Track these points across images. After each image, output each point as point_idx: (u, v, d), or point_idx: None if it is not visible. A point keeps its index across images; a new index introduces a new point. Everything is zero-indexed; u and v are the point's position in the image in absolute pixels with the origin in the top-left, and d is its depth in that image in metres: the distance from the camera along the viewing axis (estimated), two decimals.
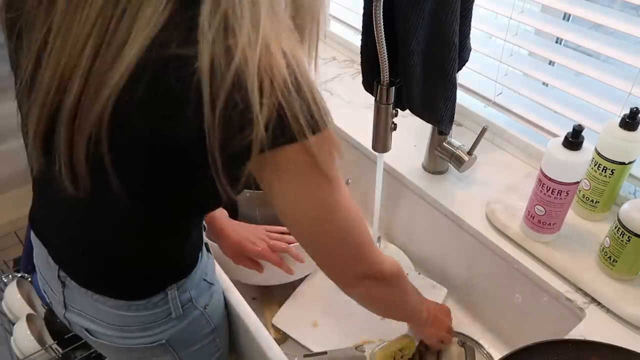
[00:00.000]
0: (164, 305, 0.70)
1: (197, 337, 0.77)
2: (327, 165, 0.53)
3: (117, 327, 0.71)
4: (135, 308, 0.69)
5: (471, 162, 0.95)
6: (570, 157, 0.75)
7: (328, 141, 0.52)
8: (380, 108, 0.81)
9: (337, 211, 0.58)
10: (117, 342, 0.72)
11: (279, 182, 0.54)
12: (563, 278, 0.82)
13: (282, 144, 0.49)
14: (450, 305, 1.05)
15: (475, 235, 0.92)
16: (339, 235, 0.61)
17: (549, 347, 0.66)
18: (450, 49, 0.78)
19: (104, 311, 0.70)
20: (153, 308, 0.69)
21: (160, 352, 0.74)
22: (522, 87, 1.01)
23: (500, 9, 0.97)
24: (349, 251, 0.63)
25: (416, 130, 1.10)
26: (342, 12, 1.38)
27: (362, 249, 0.63)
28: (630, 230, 0.73)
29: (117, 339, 0.72)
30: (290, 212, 0.57)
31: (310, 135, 0.49)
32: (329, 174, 0.54)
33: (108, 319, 0.70)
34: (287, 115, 0.47)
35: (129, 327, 0.71)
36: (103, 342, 0.74)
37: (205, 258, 0.77)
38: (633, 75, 0.83)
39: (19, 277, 1.40)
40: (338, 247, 0.62)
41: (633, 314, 0.76)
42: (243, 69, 0.45)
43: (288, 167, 0.52)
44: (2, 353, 1.35)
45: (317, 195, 0.56)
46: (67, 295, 0.72)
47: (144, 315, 0.70)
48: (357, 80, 1.32)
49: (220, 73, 0.45)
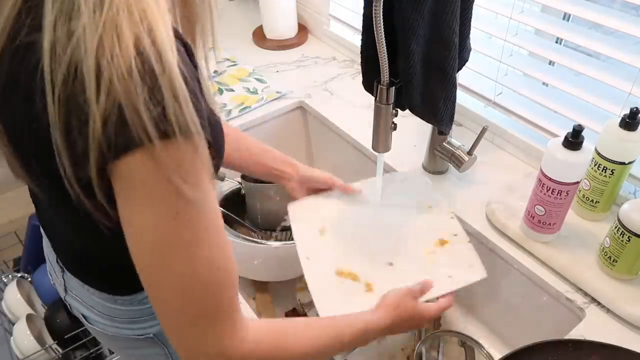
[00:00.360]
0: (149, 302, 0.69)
1: None
2: (182, 184, 0.43)
3: (107, 316, 0.71)
4: (121, 302, 0.69)
5: (471, 162, 0.95)
6: (570, 157, 0.75)
7: (189, 153, 0.43)
8: (380, 108, 0.81)
9: (188, 248, 0.46)
10: (109, 330, 0.73)
11: (119, 199, 0.44)
12: (563, 278, 0.82)
13: (123, 150, 0.41)
14: None
15: (475, 235, 0.92)
16: (186, 284, 0.47)
17: (549, 347, 0.66)
18: (450, 49, 0.78)
19: (95, 300, 0.70)
20: (139, 304, 0.69)
21: (150, 344, 0.74)
22: (522, 87, 1.01)
23: (500, 9, 0.97)
24: (199, 313, 0.48)
25: (416, 130, 1.10)
26: (342, 12, 1.38)
27: (219, 315, 0.49)
28: (630, 230, 0.73)
29: (109, 328, 0.72)
30: (131, 240, 0.46)
31: (157, 140, 0.40)
32: (186, 195, 0.43)
33: (99, 307, 0.71)
34: (128, 114, 0.40)
35: (118, 318, 0.71)
36: (96, 329, 0.74)
37: None
38: (633, 75, 0.83)
39: (19, 277, 1.40)
40: (183, 303, 0.48)
41: (633, 314, 0.76)
42: (80, 56, 0.40)
43: (130, 181, 0.43)
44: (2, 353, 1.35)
45: (162, 222, 0.44)
46: (66, 280, 0.73)
47: (130, 310, 0.69)
48: (357, 80, 1.32)
49: (59, 61, 0.40)
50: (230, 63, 1.38)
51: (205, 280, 0.47)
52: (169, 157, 0.42)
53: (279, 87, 1.28)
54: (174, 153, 0.42)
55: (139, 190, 0.43)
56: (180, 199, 0.44)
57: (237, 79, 1.31)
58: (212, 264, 0.47)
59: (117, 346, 0.79)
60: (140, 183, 0.43)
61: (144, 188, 0.43)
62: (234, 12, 1.68)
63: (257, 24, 1.53)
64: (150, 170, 0.42)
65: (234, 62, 1.38)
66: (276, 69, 1.38)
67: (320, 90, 1.29)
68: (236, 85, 1.29)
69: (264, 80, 1.30)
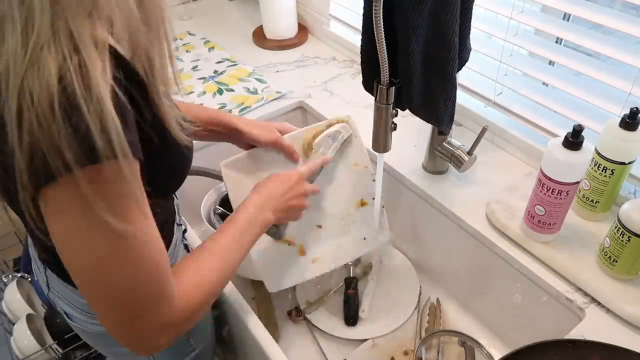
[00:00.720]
0: None
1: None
2: (106, 214, 0.44)
3: (87, 313, 0.71)
4: None
5: (471, 162, 0.95)
6: (570, 157, 0.75)
7: (113, 179, 0.44)
8: (380, 108, 0.81)
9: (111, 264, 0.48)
10: (89, 327, 0.73)
11: (49, 225, 0.46)
12: (563, 278, 0.82)
13: (46, 181, 0.42)
14: (451, 305, 1.06)
15: (475, 235, 0.93)
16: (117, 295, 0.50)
17: (549, 347, 0.66)
18: (450, 49, 0.78)
19: (76, 298, 0.71)
20: None
21: None
22: (522, 87, 1.01)
23: (500, 9, 0.97)
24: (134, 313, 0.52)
25: (416, 130, 1.10)
26: (342, 12, 1.38)
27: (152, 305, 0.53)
28: (630, 230, 0.73)
29: (90, 325, 0.73)
30: (64, 259, 0.49)
31: (77, 168, 0.41)
32: (112, 226, 0.45)
33: (80, 305, 0.71)
34: (48, 148, 0.40)
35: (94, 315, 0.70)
36: (78, 327, 0.75)
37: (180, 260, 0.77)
38: (633, 75, 0.83)
39: (19, 277, 1.40)
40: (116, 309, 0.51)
41: (633, 314, 0.76)
42: (2, 91, 0.40)
43: (57, 208, 0.44)
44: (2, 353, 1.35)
45: (90, 248, 0.47)
46: (48, 277, 0.73)
47: None
48: (357, 80, 1.32)
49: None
50: (230, 63, 1.38)
51: (132, 287, 0.50)
52: (92, 184, 0.43)
53: (279, 87, 1.28)
54: (95, 179, 0.43)
55: (66, 218, 0.45)
56: (106, 230, 0.46)
57: (237, 79, 1.31)
58: (138, 278, 0.50)
59: (100, 344, 0.79)
60: (66, 210, 0.44)
61: (70, 215, 0.45)
62: (234, 12, 1.68)
63: (257, 24, 1.53)
64: (75, 198, 0.43)
65: (234, 62, 1.38)
66: (276, 69, 1.38)
67: (320, 90, 1.29)
68: (236, 85, 1.29)
69: (264, 80, 1.30)
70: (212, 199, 1.09)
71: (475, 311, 1.03)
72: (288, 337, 1.02)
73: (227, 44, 1.48)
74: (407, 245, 1.15)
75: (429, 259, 1.10)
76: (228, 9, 1.70)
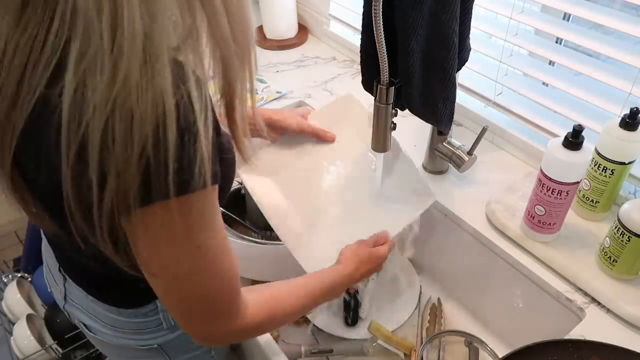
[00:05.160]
0: (154, 315, 0.70)
1: (191, 346, 0.76)
2: (197, 231, 0.49)
3: (111, 327, 0.71)
4: (126, 315, 0.69)
5: (471, 162, 0.95)
6: (570, 157, 0.75)
7: (199, 203, 0.48)
8: (380, 108, 0.81)
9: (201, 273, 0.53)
10: (112, 340, 0.73)
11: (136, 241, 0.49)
12: (563, 278, 0.82)
13: (139, 207, 0.44)
14: (451, 305, 1.06)
15: (475, 235, 0.92)
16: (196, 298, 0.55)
17: (549, 347, 0.66)
18: (450, 49, 0.78)
19: (99, 311, 0.70)
20: (143, 317, 0.69)
21: (153, 354, 0.74)
22: (522, 87, 1.01)
23: (500, 9, 0.97)
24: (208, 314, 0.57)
25: (416, 130, 1.10)
26: (342, 12, 1.38)
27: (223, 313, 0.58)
28: (630, 230, 0.73)
29: (112, 338, 0.72)
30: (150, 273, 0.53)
31: (173, 196, 0.44)
32: (201, 242, 0.50)
33: (102, 317, 0.71)
34: (150, 173, 0.42)
35: (122, 329, 0.71)
36: (98, 338, 0.74)
37: None
38: (633, 75, 0.83)
39: (19, 277, 1.40)
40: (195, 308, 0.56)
41: (633, 314, 0.76)
42: (88, 136, 0.41)
43: (144, 228, 0.47)
44: (2, 353, 1.35)
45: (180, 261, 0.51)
46: (67, 288, 0.73)
47: (135, 321, 0.70)
48: (357, 80, 1.31)
49: (73, 137, 0.41)
50: None
51: (213, 292, 0.55)
52: (182, 208, 0.46)
53: (279, 87, 1.28)
54: (186, 204, 0.46)
55: (154, 236, 0.48)
56: (193, 247, 0.50)
57: None
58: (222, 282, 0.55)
59: (119, 354, 0.79)
60: (157, 229, 0.47)
61: (160, 234, 0.48)
62: None
63: (257, 24, 1.53)
64: (166, 220, 0.46)
65: None
66: (276, 69, 1.38)
67: (320, 90, 1.29)
68: None
69: (264, 80, 1.30)
70: None
71: (475, 311, 1.03)
72: (288, 337, 1.02)
73: None
74: (406, 245, 1.15)
75: (429, 259, 1.10)
76: None
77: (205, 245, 0.51)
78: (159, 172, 0.42)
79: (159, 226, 0.47)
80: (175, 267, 0.51)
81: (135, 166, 0.42)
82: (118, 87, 0.40)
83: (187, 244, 0.49)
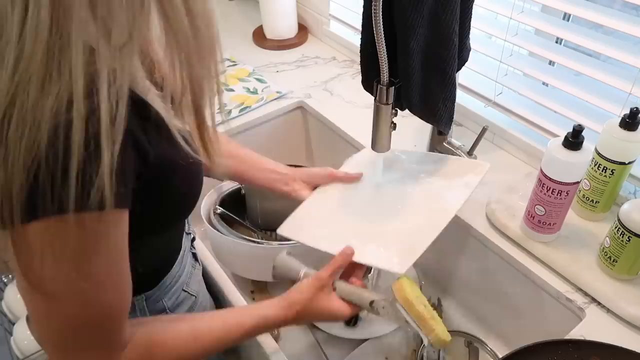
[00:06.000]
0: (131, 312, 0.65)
1: None
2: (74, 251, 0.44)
3: None
4: None
5: None
6: (570, 157, 0.75)
7: (90, 225, 0.43)
8: (380, 108, 0.81)
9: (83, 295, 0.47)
10: None
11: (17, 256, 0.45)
12: (563, 278, 0.82)
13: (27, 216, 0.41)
14: (451, 305, 1.06)
15: (475, 235, 0.92)
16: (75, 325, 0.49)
17: (549, 347, 0.66)
18: (450, 49, 0.78)
19: None
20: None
21: None
22: (522, 87, 1.01)
23: (500, 9, 0.97)
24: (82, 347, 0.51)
25: (416, 130, 1.10)
26: (342, 12, 1.38)
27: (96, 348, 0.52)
28: (630, 230, 0.73)
29: None
30: (23, 286, 0.48)
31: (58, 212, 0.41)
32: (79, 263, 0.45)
33: None
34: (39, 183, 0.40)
35: None
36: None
37: (188, 268, 0.76)
38: (633, 75, 0.83)
39: None
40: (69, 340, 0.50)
41: (633, 314, 0.76)
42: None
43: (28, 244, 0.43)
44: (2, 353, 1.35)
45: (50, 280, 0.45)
46: None
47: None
48: (357, 80, 1.31)
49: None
50: (230, 63, 1.38)
51: (91, 321, 0.49)
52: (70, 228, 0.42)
53: (279, 87, 1.28)
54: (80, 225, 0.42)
55: (37, 253, 0.44)
56: (79, 268, 0.45)
57: (237, 79, 1.31)
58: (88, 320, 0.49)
59: None
60: (39, 247, 0.43)
61: (40, 252, 0.43)
62: (234, 12, 1.68)
63: (257, 24, 1.53)
64: (49, 238, 0.42)
65: (234, 62, 1.38)
66: (276, 69, 1.38)
67: (320, 90, 1.29)
68: (236, 85, 1.29)
69: (264, 80, 1.30)
70: (212, 199, 1.09)
71: (475, 311, 1.03)
72: (288, 337, 1.02)
73: (227, 43, 1.48)
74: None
75: (429, 259, 1.10)
76: (228, 9, 1.70)
77: (92, 270, 0.46)
78: (49, 183, 0.39)
79: (42, 242, 0.43)
80: (53, 286, 0.46)
81: (24, 174, 0.39)
82: (17, 81, 0.38)
83: (70, 265, 0.45)
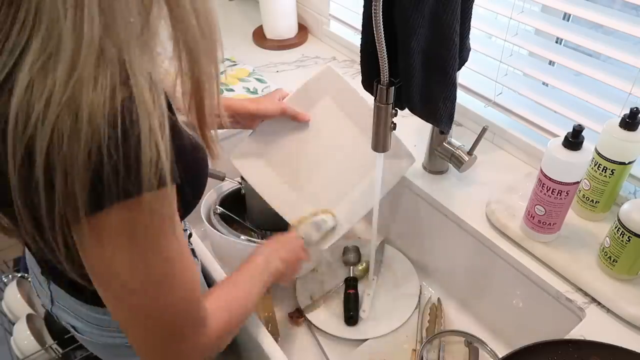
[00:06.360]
0: None
1: None
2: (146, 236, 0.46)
3: (97, 326, 0.71)
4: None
5: (471, 162, 0.95)
6: (570, 157, 0.75)
7: (154, 206, 0.45)
8: (380, 108, 0.81)
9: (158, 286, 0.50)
10: (99, 339, 0.73)
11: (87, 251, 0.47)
12: (563, 278, 0.82)
13: (89, 213, 0.43)
14: (451, 305, 1.06)
15: (475, 235, 0.92)
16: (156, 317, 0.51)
17: (549, 347, 0.66)
18: (451, 49, 0.78)
19: (83, 311, 0.70)
20: None
21: None
22: (522, 87, 1.01)
23: (500, 9, 0.97)
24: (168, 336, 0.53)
25: (416, 130, 1.10)
26: (342, 12, 1.38)
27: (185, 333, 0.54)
28: (630, 230, 0.73)
29: (98, 337, 0.72)
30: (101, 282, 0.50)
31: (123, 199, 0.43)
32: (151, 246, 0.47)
33: (89, 318, 0.71)
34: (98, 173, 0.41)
35: (109, 327, 0.71)
36: (87, 339, 0.74)
37: None
38: (633, 75, 0.83)
39: (19, 277, 1.40)
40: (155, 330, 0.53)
41: (633, 314, 0.76)
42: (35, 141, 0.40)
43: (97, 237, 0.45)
44: (2, 353, 1.35)
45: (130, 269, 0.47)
46: (52, 291, 0.72)
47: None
48: (357, 80, 1.31)
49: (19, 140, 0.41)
50: (230, 63, 1.38)
51: (172, 311, 0.52)
52: (135, 212, 0.44)
53: (279, 87, 1.28)
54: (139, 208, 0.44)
55: (108, 245, 0.45)
56: (149, 256, 0.47)
57: (237, 79, 1.31)
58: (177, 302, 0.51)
59: (108, 354, 0.79)
60: (110, 238, 0.45)
61: (114, 243, 0.45)
62: (234, 12, 1.68)
63: (257, 24, 1.53)
64: (119, 226, 0.44)
65: (234, 62, 1.38)
66: (276, 69, 1.38)
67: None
68: (236, 85, 1.29)
69: (264, 80, 1.30)
70: (212, 199, 1.09)
71: (475, 311, 1.03)
72: (288, 337, 1.02)
73: (227, 44, 1.48)
74: (407, 245, 1.15)
75: (429, 259, 1.10)
76: (228, 9, 1.70)
77: (164, 252, 0.48)
78: (107, 171, 0.41)
79: (112, 233, 0.45)
80: (130, 281, 0.47)
81: (83, 165, 0.40)
82: (72, 84, 0.40)
83: (143, 250, 0.46)
